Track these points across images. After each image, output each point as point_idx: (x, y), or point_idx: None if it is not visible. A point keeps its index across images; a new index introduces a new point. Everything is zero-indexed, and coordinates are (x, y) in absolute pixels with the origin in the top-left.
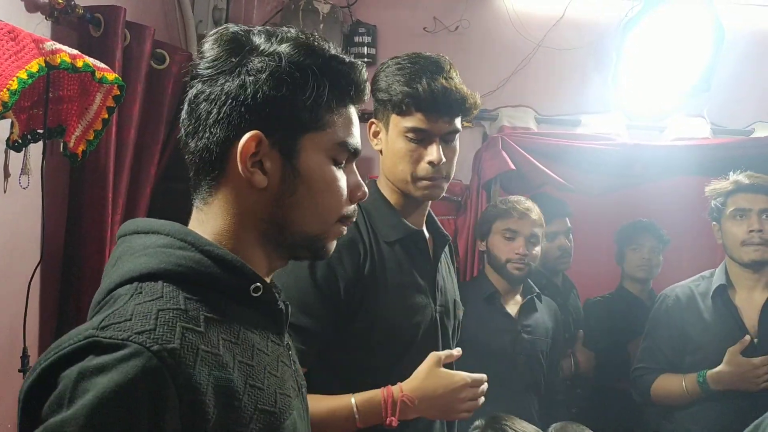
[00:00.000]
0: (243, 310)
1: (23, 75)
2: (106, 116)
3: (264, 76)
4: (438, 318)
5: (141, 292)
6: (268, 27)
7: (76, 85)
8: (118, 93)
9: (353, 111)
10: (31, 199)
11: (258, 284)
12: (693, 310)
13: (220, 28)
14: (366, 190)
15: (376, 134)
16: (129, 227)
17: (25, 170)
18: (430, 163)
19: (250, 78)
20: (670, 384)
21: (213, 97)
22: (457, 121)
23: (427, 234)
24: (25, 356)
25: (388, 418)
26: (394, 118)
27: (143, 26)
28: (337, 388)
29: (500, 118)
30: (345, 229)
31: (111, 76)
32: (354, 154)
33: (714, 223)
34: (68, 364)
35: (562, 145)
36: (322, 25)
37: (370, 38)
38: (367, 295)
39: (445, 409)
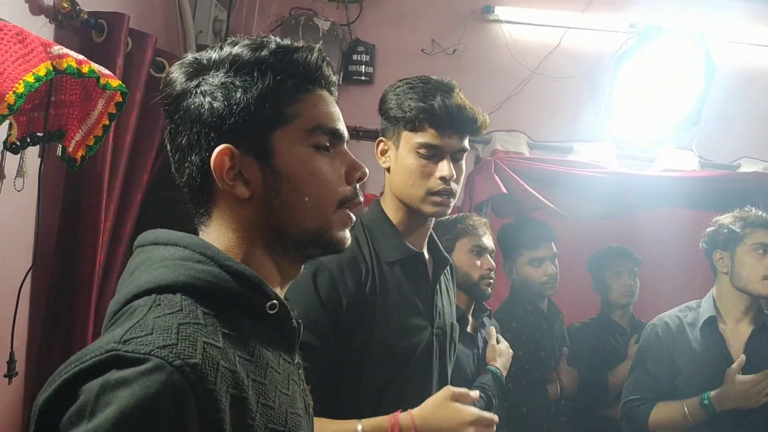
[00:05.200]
0: (258, 326)
1: (30, 78)
2: (107, 122)
3: (215, 89)
4: (435, 340)
5: (160, 305)
6: (228, 40)
7: (78, 89)
8: (121, 100)
9: (323, 94)
10: (25, 202)
11: (275, 301)
12: (682, 339)
13: (183, 56)
14: (367, 170)
15: (384, 152)
16: (148, 237)
17: (20, 172)
18: (442, 178)
19: (205, 98)
20: (671, 411)
21: (181, 127)
22: (466, 141)
23: (427, 255)
24: (11, 361)
25: None
26: (405, 135)
27: (146, 34)
28: (331, 407)
29: (493, 142)
30: (352, 215)
31: (115, 82)
32: (336, 135)
33: (719, 251)
34: (90, 377)
35: (553, 171)
36: (321, 42)
37: (368, 57)
38: (366, 314)
39: None
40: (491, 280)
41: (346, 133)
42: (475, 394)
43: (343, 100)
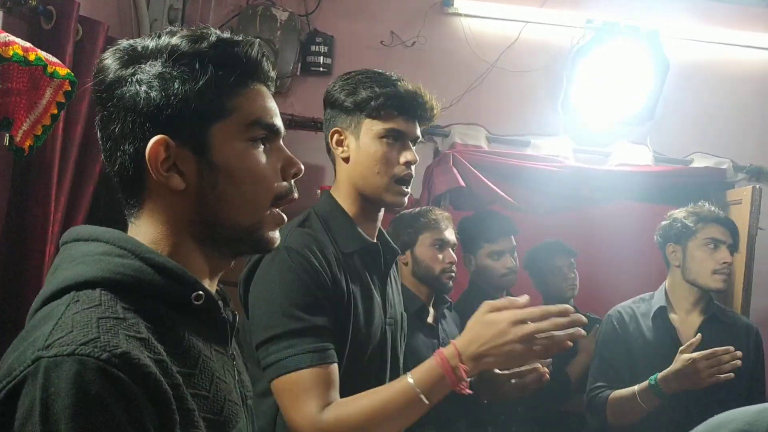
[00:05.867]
0: (185, 318)
1: None
2: (56, 111)
3: (152, 79)
4: (388, 330)
5: (78, 301)
6: (165, 29)
7: (25, 78)
8: (69, 89)
9: (261, 89)
10: None
11: (200, 292)
12: (635, 329)
13: (115, 44)
14: (302, 166)
15: (340, 143)
16: (71, 234)
17: None
18: (406, 163)
19: (141, 87)
20: (624, 395)
21: (114, 115)
22: (419, 129)
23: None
24: None
25: (457, 386)
26: (367, 123)
27: (97, 22)
28: None
29: (452, 135)
30: (283, 216)
31: (63, 71)
32: (273, 130)
33: (672, 244)
34: (23, 394)
35: (512, 165)
36: (279, 32)
37: (326, 48)
38: (336, 303)
39: (501, 356)
40: (453, 274)
41: (282, 129)
42: (524, 298)
43: (301, 92)
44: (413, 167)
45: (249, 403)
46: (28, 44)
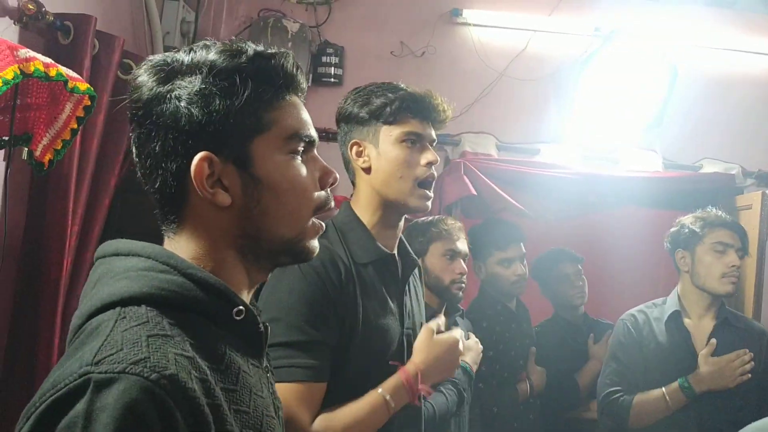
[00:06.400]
0: (225, 333)
1: None
2: (76, 126)
3: (192, 96)
4: (405, 340)
5: (125, 318)
6: (198, 43)
7: (45, 93)
8: (89, 103)
9: (296, 101)
10: None
11: (240, 307)
12: (649, 333)
13: (147, 60)
14: (338, 175)
15: (360, 153)
16: (108, 248)
17: None
18: (428, 164)
19: (181, 103)
20: (651, 398)
21: (153, 133)
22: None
23: (396, 256)
24: None
25: (416, 395)
26: (385, 129)
27: (113, 36)
28: None
29: (462, 144)
30: (323, 224)
31: (83, 86)
32: (309, 142)
33: (681, 250)
34: (67, 406)
35: (521, 172)
36: (290, 44)
37: (337, 59)
38: (347, 314)
39: (448, 369)
40: (463, 284)
41: (317, 139)
42: (442, 320)
43: (313, 102)
44: (434, 168)
45: (281, 414)
46: (48, 60)
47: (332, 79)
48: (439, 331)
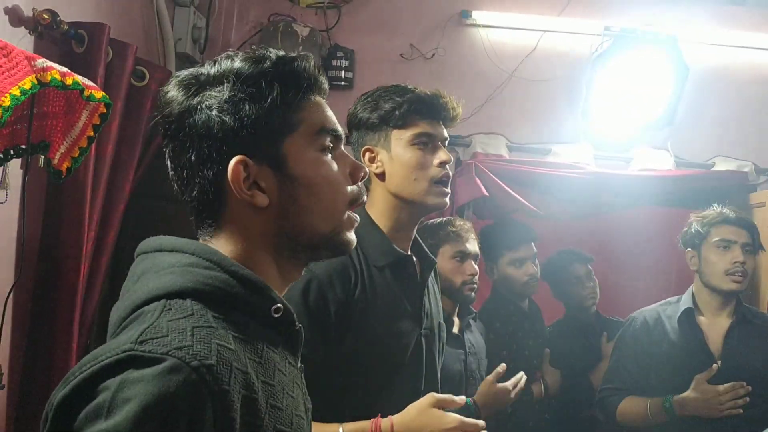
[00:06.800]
0: (264, 330)
1: (16, 92)
2: (92, 134)
3: (222, 104)
4: (424, 341)
5: (171, 309)
6: (221, 55)
7: (62, 101)
8: (105, 111)
9: (320, 100)
10: (8, 214)
11: (279, 305)
12: (660, 331)
13: (175, 75)
14: (367, 170)
15: (372, 159)
16: (151, 244)
17: (2, 184)
18: (441, 163)
19: (212, 112)
20: (635, 407)
21: (187, 144)
22: (446, 130)
23: (414, 257)
24: None
25: None
26: (395, 134)
27: (126, 44)
28: (324, 410)
29: (473, 145)
30: (357, 217)
31: (99, 94)
32: (336, 137)
33: (690, 249)
34: (107, 376)
35: (533, 173)
36: (300, 48)
37: (347, 62)
38: (357, 319)
39: None
40: (474, 285)
41: (344, 135)
42: (461, 399)
43: None
44: (448, 167)
45: (309, 415)
46: (65, 69)
47: (343, 83)
48: (444, 407)
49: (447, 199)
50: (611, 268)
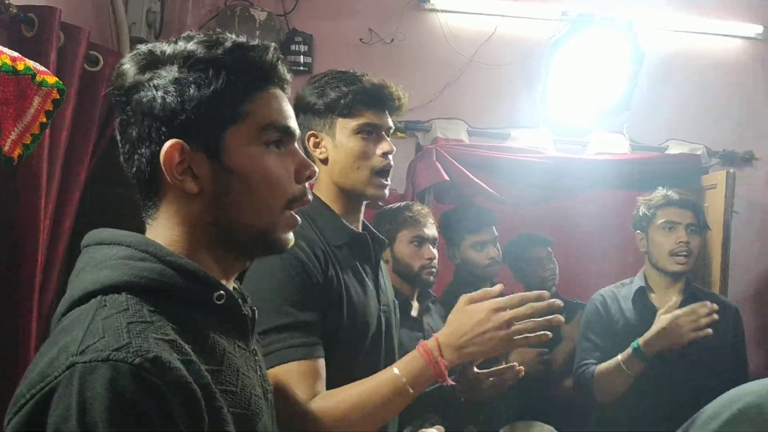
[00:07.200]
0: (208, 317)
1: None
2: (45, 120)
3: (168, 84)
4: (383, 317)
5: (105, 305)
6: (183, 34)
7: (12, 87)
8: (58, 97)
9: (276, 92)
10: None
11: (221, 292)
12: (617, 310)
13: (135, 48)
14: (316, 168)
15: (317, 145)
16: (93, 238)
17: None
18: (384, 154)
19: (158, 92)
20: (609, 366)
21: (132, 119)
22: (391, 119)
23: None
24: None
25: (440, 377)
26: (341, 122)
27: (78, 28)
28: None
29: (434, 130)
30: (297, 217)
31: (51, 79)
32: (287, 133)
33: (639, 232)
34: (58, 398)
35: (493, 157)
36: (258, 33)
37: (306, 47)
38: (331, 296)
39: (482, 344)
40: (433, 269)
41: (297, 131)
42: (498, 287)
43: None
44: (391, 157)
45: (269, 396)
46: (15, 54)
47: (302, 68)
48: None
49: (386, 191)
50: (570, 250)
